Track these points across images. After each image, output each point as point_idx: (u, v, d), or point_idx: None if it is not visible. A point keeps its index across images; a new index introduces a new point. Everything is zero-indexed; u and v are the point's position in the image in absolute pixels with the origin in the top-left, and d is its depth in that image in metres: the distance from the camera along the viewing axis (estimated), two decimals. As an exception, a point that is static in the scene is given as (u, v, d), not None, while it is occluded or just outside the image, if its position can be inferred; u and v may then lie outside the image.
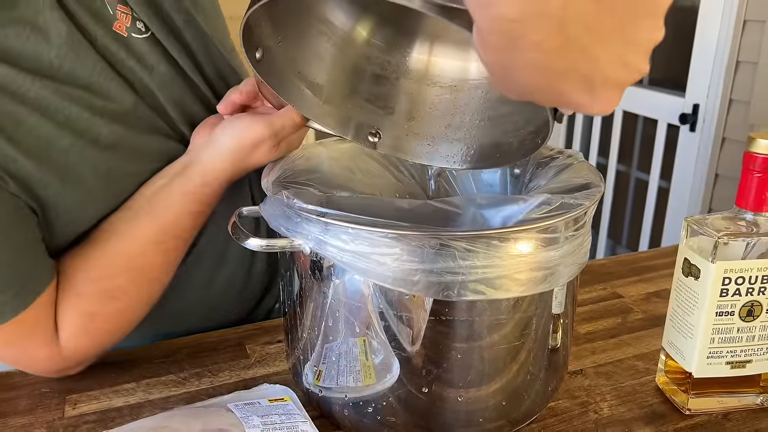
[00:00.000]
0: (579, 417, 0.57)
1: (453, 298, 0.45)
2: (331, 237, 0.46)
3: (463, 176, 0.69)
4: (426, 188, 0.70)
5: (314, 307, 0.51)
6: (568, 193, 0.50)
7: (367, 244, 0.45)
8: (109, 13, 0.61)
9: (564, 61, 0.32)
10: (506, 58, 0.32)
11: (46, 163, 0.55)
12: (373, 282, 0.46)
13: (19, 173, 0.54)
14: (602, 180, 0.54)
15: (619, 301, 0.78)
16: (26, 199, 0.55)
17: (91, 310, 0.59)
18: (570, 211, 0.46)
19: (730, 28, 1.75)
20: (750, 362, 0.56)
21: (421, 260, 0.44)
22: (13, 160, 0.54)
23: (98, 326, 0.60)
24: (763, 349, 0.56)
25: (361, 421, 0.52)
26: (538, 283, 0.47)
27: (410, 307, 0.47)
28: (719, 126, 1.84)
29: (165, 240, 0.61)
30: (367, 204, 0.49)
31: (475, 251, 0.44)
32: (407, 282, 0.45)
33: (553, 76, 0.33)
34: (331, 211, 0.46)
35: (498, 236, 0.44)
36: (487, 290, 0.45)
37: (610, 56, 0.32)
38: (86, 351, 0.60)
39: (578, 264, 0.50)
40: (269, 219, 0.51)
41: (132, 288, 0.61)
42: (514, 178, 0.66)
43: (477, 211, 0.49)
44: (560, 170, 0.57)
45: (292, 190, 0.50)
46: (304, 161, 0.61)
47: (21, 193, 0.55)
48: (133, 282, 0.61)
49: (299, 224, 0.48)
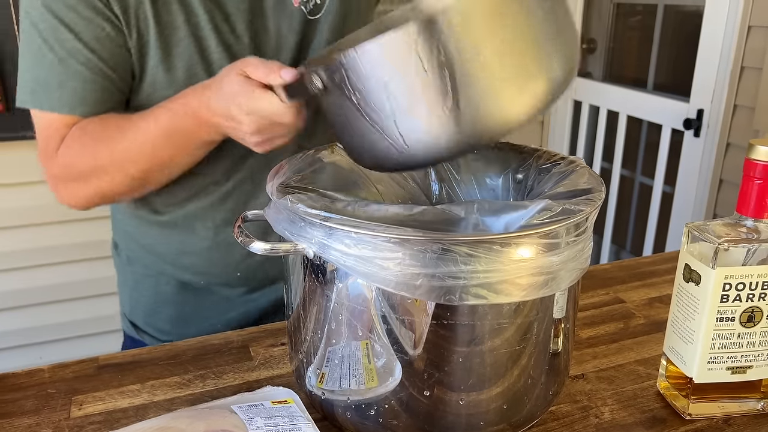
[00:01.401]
0: (580, 421, 0.58)
1: (455, 303, 0.45)
2: (335, 241, 0.47)
3: (466, 181, 0.69)
4: (429, 194, 0.70)
5: (317, 310, 0.52)
6: (570, 199, 0.51)
7: (370, 248, 0.45)
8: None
9: None
10: None
11: (163, 40, 0.68)
12: (376, 286, 0.47)
13: (141, 35, 0.68)
14: (603, 186, 0.54)
15: (621, 306, 0.78)
16: (134, 59, 0.69)
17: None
18: (571, 217, 0.47)
19: (734, 34, 1.75)
20: (750, 368, 0.57)
21: (423, 265, 0.45)
22: (145, 21, 0.67)
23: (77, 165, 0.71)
24: (763, 355, 0.56)
25: (363, 424, 0.52)
26: (539, 288, 0.47)
27: (412, 311, 0.47)
28: (723, 131, 1.84)
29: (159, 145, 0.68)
30: (370, 209, 0.50)
31: (476, 256, 0.44)
32: (409, 286, 0.45)
33: None
34: (335, 216, 0.46)
35: (499, 241, 0.45)
36: (489, 295, 0.45)
37: None
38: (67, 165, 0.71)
39: (579, 269, 0.50)
40: (273, 223, 0.52)
41: (113, 168, 0.70)
42: (517, 183, 0.67)
43: (479, 216, 0.50)
44: (562, 176, 0.58)
45: (296, 194, 0.51)
46: (309, 166, 0.62)
47: (135, 52, 0.69)
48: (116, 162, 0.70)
49: (303, 228, 0.49)
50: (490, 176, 0.68)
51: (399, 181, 0.69)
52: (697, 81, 1.91)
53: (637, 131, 2.33)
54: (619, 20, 2.39)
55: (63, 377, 0.64)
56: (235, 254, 0.82)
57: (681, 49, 2.06)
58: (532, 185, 0.63)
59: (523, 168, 0.65)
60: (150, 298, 0.88)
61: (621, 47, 2.42)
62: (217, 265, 0.83)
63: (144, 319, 0.90)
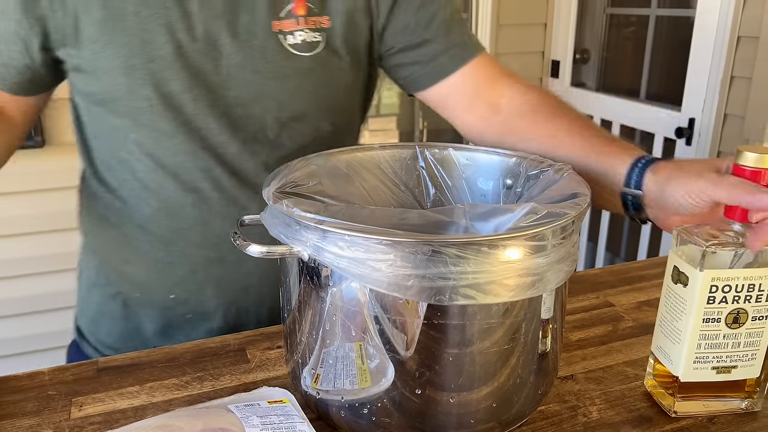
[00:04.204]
0: (568, 420, 0.59)
1: (445, 303, 0.47)
2: (329, 244, 0.48)
3: (458, 187, 0.71)
4: (421, 198, 0.72)
5: (312, 312, 0.53)
6: (556, 203, 0.52)
7: (363, 250, 0.47)
8: None
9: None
10: None
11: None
12: (369, 287, 0.48)
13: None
14: (589, 190, 0.56)
15: (610, 309, 0.80)
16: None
17: None
18: (556, 219, 0.49)
19: (724, 44, 1.78)
20: (735, 368, 0.58)
21: (414, 266, 0.46)
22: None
23: None
24: (748, 356, 0.58)
25: (357, 423, 0.54)
26: (527, 289, 0.49)
27: (404, 311, 0.49)
28: (714, 140, 1.87)
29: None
30: (363, 213, 0.52)
31: (465, 257, 0.46)
32: (401, 287, 0.47)
33: None
34: (329, 219, 0.48)
35: (487, 243, 0.46)
36: (478, 295, 0.47)
37: None
38: None
39: (566, 271, 0.52)
40: (269, 227, 0.54)
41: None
42: (507, 188, 0.69)
43: (468, 220, 0.51)
44: (550, 182, 0.60)
45: (292, 199, 0.53)
46: (304, 172, 0.64)
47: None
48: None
49: (298, 232, 0.50)
50: (481, 182, 0.70)
51: (392, 188, 0.70)
52: (688, 90, 1.93)
53: (631, 139, 2.35)
54: (612, 30, 2.42)
55: (63, 380, 0.65)
56: (174, 275, 0.81)
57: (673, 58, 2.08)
58: (522, 191, 0.65)
59: (513, 174, 0.67)
60: (95, 306, 0.88)
61: (614, 57, 2.45)
62: (156, 283, 0.82)
63: (88, 327, 0.90)
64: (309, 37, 0.73)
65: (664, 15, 2.13)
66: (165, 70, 0.71)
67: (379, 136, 2.59)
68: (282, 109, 0.75)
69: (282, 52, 0.73)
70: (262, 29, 0.72)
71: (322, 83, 0.76)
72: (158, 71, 0.71)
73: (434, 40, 0.78)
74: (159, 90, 0.71)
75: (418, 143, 0.72)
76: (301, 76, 0.74)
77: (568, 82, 2.49)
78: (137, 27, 0.70)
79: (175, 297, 0.82)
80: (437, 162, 0.71)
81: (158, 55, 0.70)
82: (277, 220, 0.53)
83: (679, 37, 2.00)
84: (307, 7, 0.73)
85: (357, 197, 0.67)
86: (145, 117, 0.73)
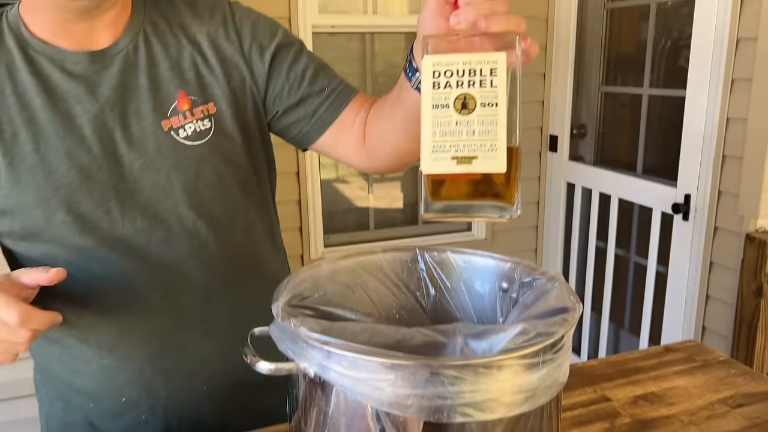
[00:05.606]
0: None
1: (443, 421, 0.50)
2: (333, 363, 0.51)
3: (457, 289, 0.75)
4: (422, 300, 0.76)
5: (316, 424, 0.56)
6: (547, 317, 0.56)
7: (365, 370, 0.50)
8: None
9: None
10: None
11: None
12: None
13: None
14: (580, 304, 0.59)
15: (607, 404, 0.82)
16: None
17: None
18: (546, 338, 0.52)
19: (714, 125, 1.84)
20: (476, 158, 0.56)
21: (413, 386, 0.49)
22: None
23: None
24: (486, 146, 0.56)
25: None
26: (521, 405, 0.52)
27: (405, 427, 0.51)
28: (711, 216, 1.91)
29: None
30: (365, 331, 0.55)
31: (462, 378, 0.49)
32: (401, 405, 0.50)
33: None
34: (333, 340, 0.51)
35: (482, 365, 0.49)
36: (474, 413, 0.50)
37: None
38: None
39: (558, 383, 0.55)
40: (278, 341, 0.57)
41: None
42: (503, 291, 0.72)
43: (463, 340, 0.55)
44: (543, 293, 0.63)
45: (299, 317, 0.56)
46: (310, 281, 0.67)
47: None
48: None
49: (305, 349, 0.54)
50: (478, 285, 0.74)
51: (393, 291, 0.74)
52: (682, 168, 1.99)
53: (630, 212, 2.40)
54: (608, 107, 2.51)
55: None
56: (119, 379, 0.82)
57: (667, 135, 2.15)
58: (517, 297, 0.68)
59: (508, 278, 0.71)
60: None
61: (610, 132, 2.53)
62: (104, 390, 0.83)
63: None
64: (199, 126, 0.80)
65: (656, 95, 2.22)
66: (74, 193, 0.75)
67: (386, 200, 2.64)
68: (192, 197, 0.80)
69: (177, 146, 0.78)
70: (154, 131, 0.78)
71: (221, 162, 0.81)
72: (68, 196, 0.75)
73: (310, 96, 0.85)
74: (72, 212, 0.75)
75: (417, 247, 0.76)
76: (199, 163, 0.80)
77: (566, 156, 2.55)
78: (40, 162, 0.74)
79: (126, 400, 0.83)
80: (436, 264, 0.75)
81: (64, 182, 0.75)
82: (285, 336, 0.56)
83: (672, 115, 2.07)
84: (191, 101, 0.80)
85: (361, 303, 0.71)
86: (68, 239, 0.76)
